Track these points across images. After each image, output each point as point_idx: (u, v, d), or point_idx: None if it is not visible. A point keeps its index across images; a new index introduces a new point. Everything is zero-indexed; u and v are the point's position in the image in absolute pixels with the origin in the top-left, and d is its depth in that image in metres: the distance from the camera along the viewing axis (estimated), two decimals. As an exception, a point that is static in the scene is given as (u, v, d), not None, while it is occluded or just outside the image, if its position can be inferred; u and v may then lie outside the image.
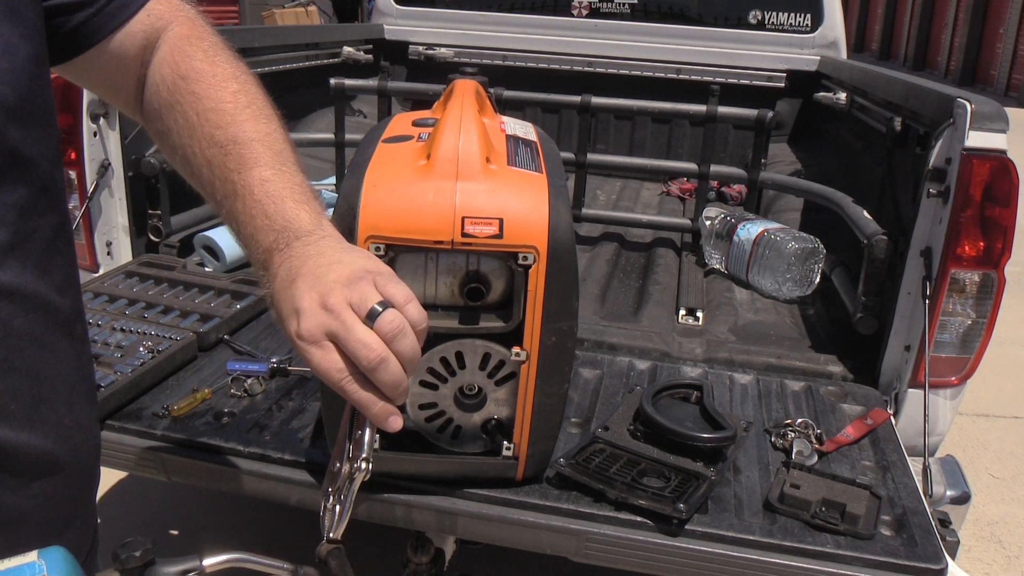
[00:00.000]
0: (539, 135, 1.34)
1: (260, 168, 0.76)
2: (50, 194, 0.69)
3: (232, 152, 0.76)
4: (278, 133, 0.80)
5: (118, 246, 1.99)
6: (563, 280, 1.08)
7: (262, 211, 0.74)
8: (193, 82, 0.79)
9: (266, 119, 0.80)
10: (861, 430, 1.47)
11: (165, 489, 2.49)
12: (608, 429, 1.39)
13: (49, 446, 0.69)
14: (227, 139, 0.77)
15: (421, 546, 1.45)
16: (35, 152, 0.67)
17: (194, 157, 0.78)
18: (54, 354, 0.70)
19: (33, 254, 0.67)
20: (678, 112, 2.53)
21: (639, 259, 2.37)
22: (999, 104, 1.53)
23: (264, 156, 0.77)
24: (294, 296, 0.70)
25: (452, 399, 1.16)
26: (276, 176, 0.76)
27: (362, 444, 0.70)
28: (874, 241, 1.70)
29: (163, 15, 0.82)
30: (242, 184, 0.75)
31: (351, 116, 3.22)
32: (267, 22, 10.36)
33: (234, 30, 2.79)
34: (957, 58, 18.61)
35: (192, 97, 0.78)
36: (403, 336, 0.68)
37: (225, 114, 0.78)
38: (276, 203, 0.74)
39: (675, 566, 1.20)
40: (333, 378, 0.68)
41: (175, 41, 0.82)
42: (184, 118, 0.78)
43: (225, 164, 0.76)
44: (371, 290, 0.69)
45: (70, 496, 0.74)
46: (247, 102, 0.80)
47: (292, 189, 0.76)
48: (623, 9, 3.33)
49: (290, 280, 0.71)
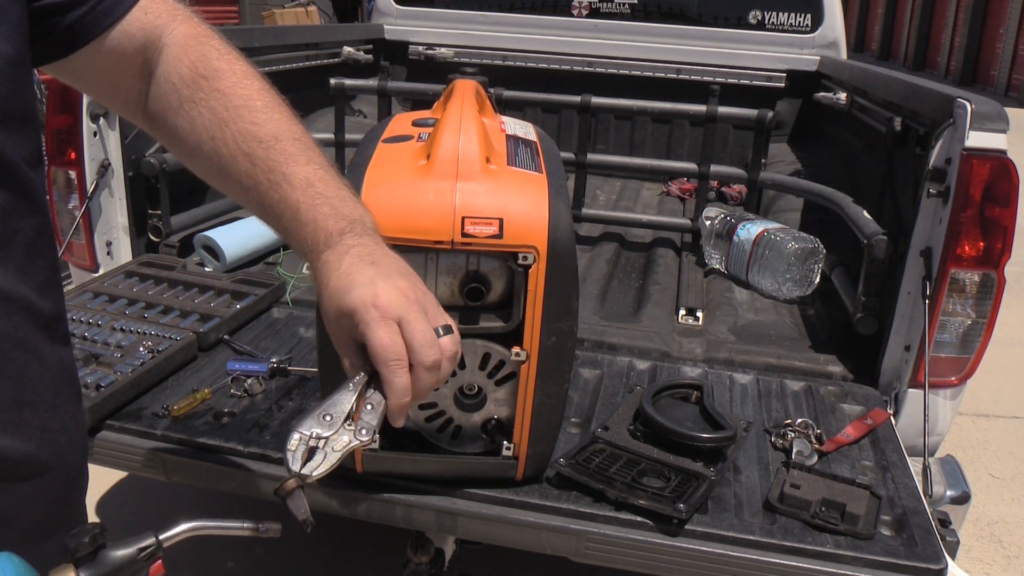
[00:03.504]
0: (539, 135, 1.34)
1: (311, 165, 0.81)
2: (31, 196, 0.69)
3: (275, 147, 0.80)
4: (307, 132, 0.85)
5: (118, 246, 1.99)
6: (563, 280, 1.08)
7: (327, 202, 0.79)
8: (215, 80, 0.81)
9: (294, 118, 0.84)
10: (861, 430, 1.47)
11: (165, 489, 2.49)
12: (608, 429, 1.39)
13: (33, 449, 0.69)
14: (268, 135, 0.80)
15: (421, 546, 1.46)
16: (15, 154, 0.66)
17: (226, 149, 0.80)
18: (37, 357, 0.70)
19: (14, 256, 0.67)
20: (678, 112, 2.53)
21: (639, 259, 2.37)
22: (999, 104, 1.53)
23: (308, 154, 0.82)
24: (375, 276, 0.75)
25: (452, 399, 1.16)
26: (326, 174, 0.82)
27: (373, 423, 0.72)
28: (874, 241, 1.70)
29: (161, 13, 0.82)
30: (296, 176, 0.79)
31: (351, 116, 3.22)
32: (267, 22, 10.35)
33: (234, 30, 2.79)
34: (957, 58, 18.61)
35: (218, 95, 0.81)
36: (451, 361, 0.77)
37: (258, 111, 0.81)
38: (340, 198, 0.80)
39: (675, 566, 1.20)
40: (390, 356, 0.72)
41: (184, 41, 0.82)
42: (212, 113, 0.80)
43: (270, 157, 0.80)
44: (441, 309, 0.78)
45: (57, 498, 0.74)
46: (274, 101, 0.84)
47: (343, 186, 0.83)
48: (623, 9, 3.33)
49: (371, 261, 0.76)
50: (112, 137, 1.91)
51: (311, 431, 0.71)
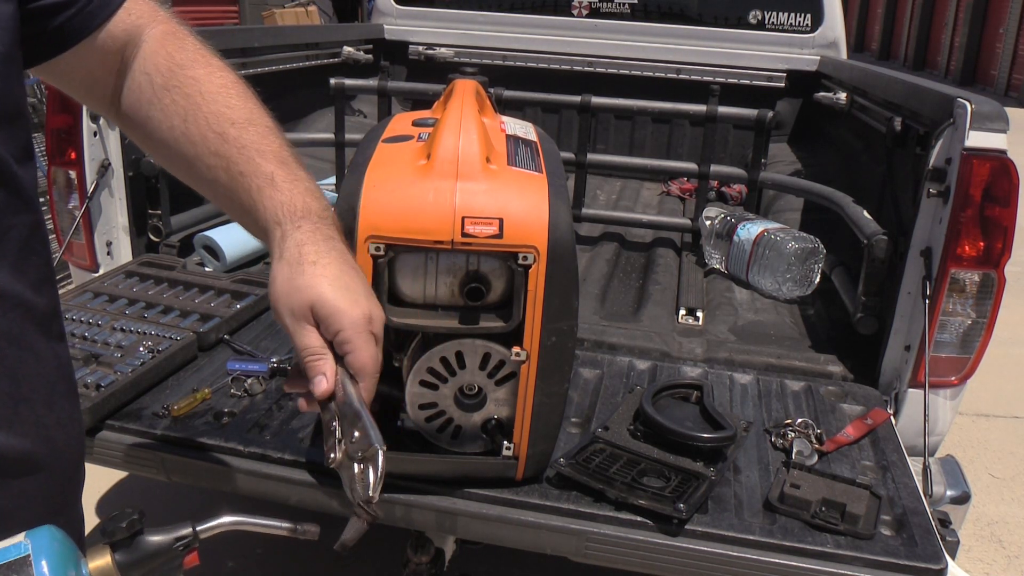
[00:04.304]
0: (539, 135, 1.34)
1: (285, 149, 0.85)
2: (22, 194, 0.69)
3: (249, 128, 0.83)
4: (279, 125, 0.88)
5: (118, 246, 1.99)
6: (563, 280, 1.08)
7: (306, 176, 0.84)
8: (191, 68, 0.85)
9: (267, 111, 0.87)
10: (861, 430, 1.47)
11: (165, 489, 2.49)
12: (608, 429, 1.39)
13: (29, 445, 0.70)
14: (241, 118, 0.84)
15: (421, 546, 1.46)
16: (5, 152, 0.67)
17: (197, 129, 0.83)
18: (32, 353, 0.71)
19: (8, 254, 0.67)
20: (678, 112, 2.53)
21: (639, 259, 2.37)
22: (999, 104, 1.53)
23: (282, 138, 0.86)
24: (354, 280, 0.80)
25: (452, 399, 1.16)
26: (298, 160, 0.85)
27: (368, 421, 0.75)
28: (874, 241, 1.70)
29: (143, 14, 0.85)
30: (271, 151, 0.83)
31: (351, 116, 3.22)
32: (267, 22, 10.34)
33: (234, 30, 2.79)
34: (957, 58, 18.61)
35: (192, 81, 0.84)
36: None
37: (232, 97, 0.84)
38: (312, 182, 0.84)
39: (675, 566, 1.20)
40: (375, 369, 0.79)
41: (162, 36, 0.85)
42: (186, 99, 0.83)
43: (242, 136, 0.83)
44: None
45: (53, 494, 0.75)
46: (248, 92, 0.87)
47: (311, 178, 0.86)
48: (623, 9, 3.33)
49: (341, 254, 0.81)
50: (112, 137, 1.91)
51: (345, 457, 0.72)
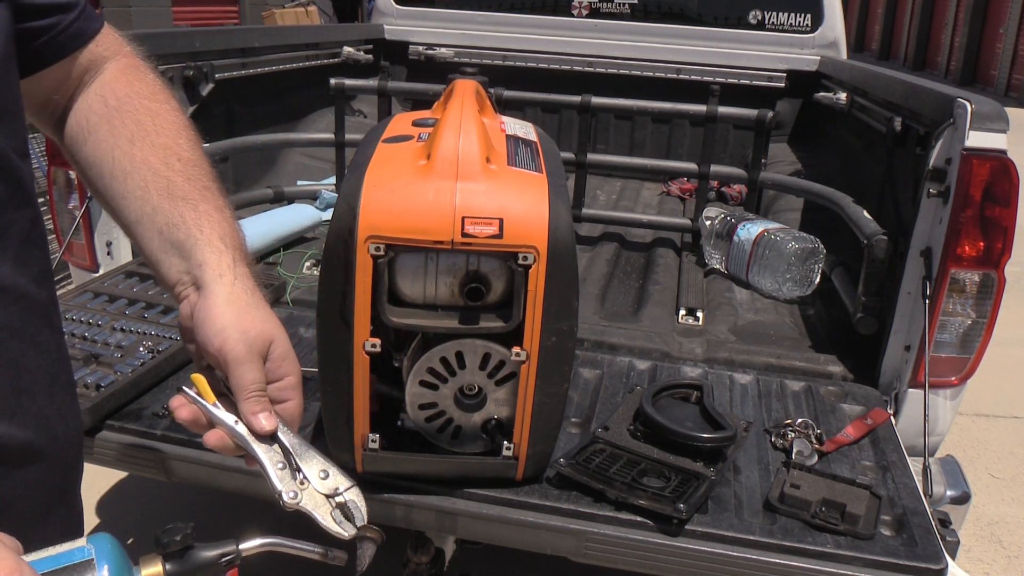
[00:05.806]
0: (539, 135, 1.34)
1: (220, 196, 0.85)
2: (23, 188, 0.71)
3: (196, 166, 0.84)
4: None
5: (118, 246, 1.98)
6: (563, 280, 1.08)
7: (232, 222, 0.83)
8: (148, 99, 0.86)
9: (210, 164, 0.88)
10: (861, 430, 1.47)
11: (165, 489, 2.49)
12: (608, 429, 1.39)
13: (30, 436, 0.71)
14: (188, 158, 0.84)
15: (421, 546, 1.46)
16: (6, 146, 0.68)
17: (140, 153, 0.82)
18: (34, 345, 0.72)
19: (10, 248, 0.68)
20: (678, 112, 2.53)
21: (639, 259, 2.37)
22: (999, 104, 1.53)
23: (225, 194, 0.87)
24: (277, 327, 0.79)
25: (452, 399, 1.16)
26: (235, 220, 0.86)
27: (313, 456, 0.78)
28: (874, 241, 1.70)
29: (110, 45, 0.87)
30: (218, 193, 0.84)
31: (351, 116, 3.22)
32: (267, 22, 10.34)
33: (234, 30, 2.78)
34: (957, 58, 18.60)
35: (148, 113, 0.85)
36: None
37: (183, 137, 0.85)
38: (238, 231, 0.84)
39: (675, 566, 1.20)
40: (299, 423, 0.81)
41: (124, 67, 0.88)
42: (138, 125, 0.84)
43: (188, 170, 0.83)
44: None
45: (52, 485, 0.76)
46: (197, 139, 0.88)
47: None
48: (623, 9, 3.33)
49: (260, 299, 0.80)
50: (112, 137, 1.90)
51: (323, 497, 0.74)
